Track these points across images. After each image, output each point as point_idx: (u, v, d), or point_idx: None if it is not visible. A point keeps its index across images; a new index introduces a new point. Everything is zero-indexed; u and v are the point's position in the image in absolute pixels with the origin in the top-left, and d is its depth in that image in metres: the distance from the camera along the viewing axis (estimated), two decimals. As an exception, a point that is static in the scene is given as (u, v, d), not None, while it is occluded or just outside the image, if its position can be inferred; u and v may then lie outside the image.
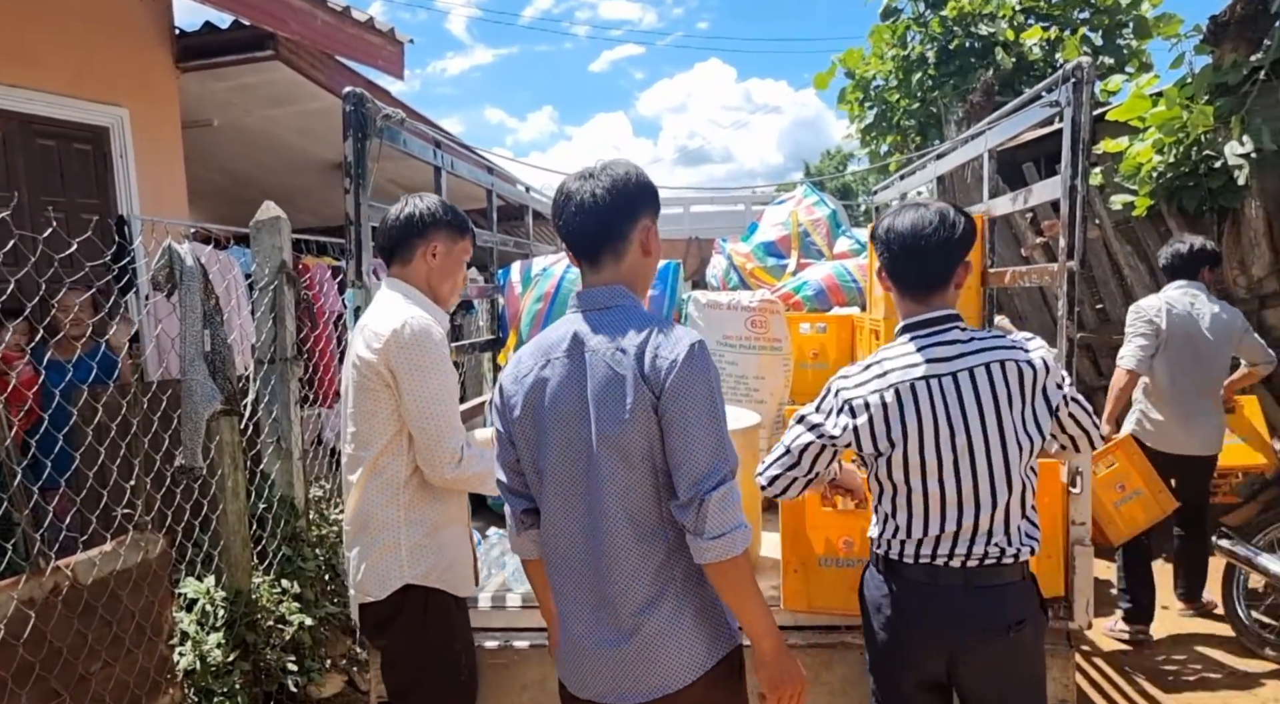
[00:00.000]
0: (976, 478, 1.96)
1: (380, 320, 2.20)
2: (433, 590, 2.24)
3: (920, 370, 1.99)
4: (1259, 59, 5.27)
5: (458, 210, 2.40)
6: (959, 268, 2.05)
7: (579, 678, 1.80)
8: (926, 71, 10.26)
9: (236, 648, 3.00)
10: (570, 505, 1.74)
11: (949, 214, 2.02)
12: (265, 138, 7.26)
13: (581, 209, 1.74)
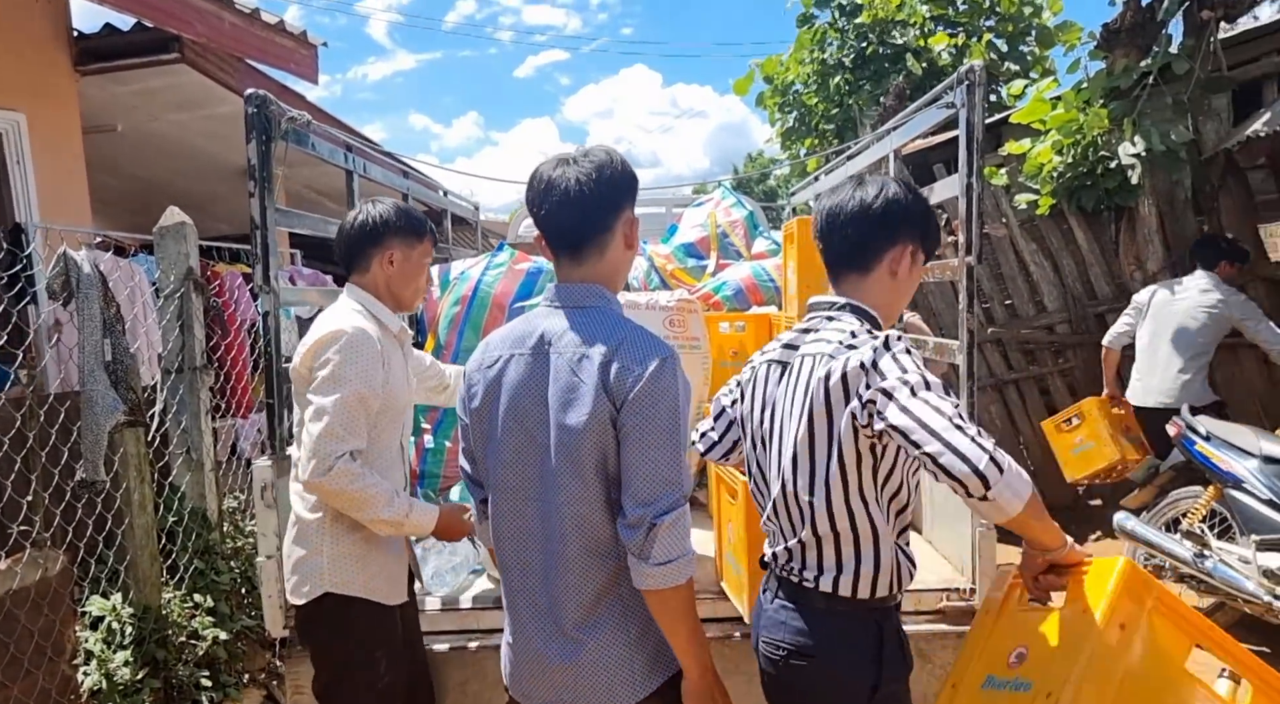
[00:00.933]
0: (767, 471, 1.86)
1: (315, 329, 2.22)
2: (351, 598, 2.23)
3: (773, 353, 1.90)
4: (1148, 65, 5.54)
5: (413, 213, 2.39)
6: (881, 251, 1.80)
7: (520, 684, 1.77)
8: (843, 76, 10.50)
9: (146, 665, 2.92)
10: (519, 509, 1.69)
11: (879, 189, 1.82)
12: (173, 143, 7.05)
13: (566, 198, 1.64)
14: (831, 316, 1.81)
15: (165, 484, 3.46)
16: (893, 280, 1.81)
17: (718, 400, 2.09)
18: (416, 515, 2.23)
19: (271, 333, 2.78)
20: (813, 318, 1.86)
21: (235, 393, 4.48)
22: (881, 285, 1.83)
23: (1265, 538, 3.67)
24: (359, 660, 2.26)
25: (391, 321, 2.36)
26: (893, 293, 1.85)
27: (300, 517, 2.27)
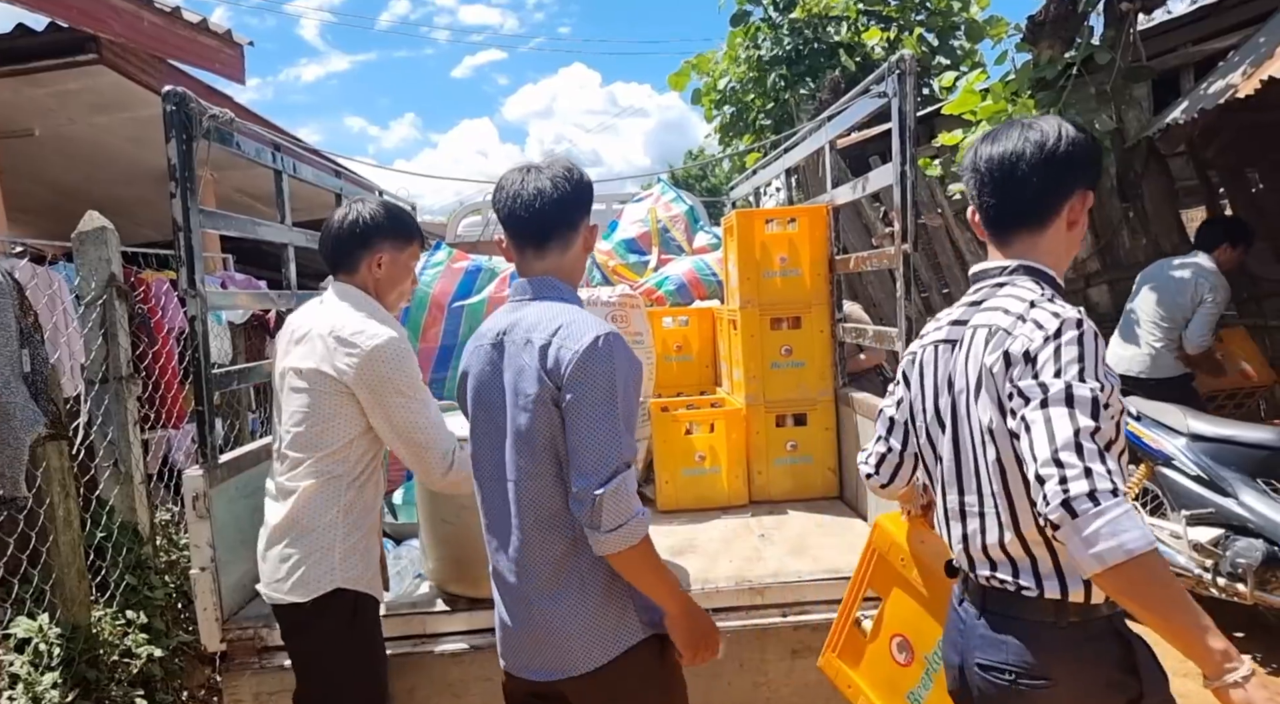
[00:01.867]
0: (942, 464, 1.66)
1: (354, 332, 2.12)
2: (360, 594, 2.20)
3: (939, 333, 1.69)
4: (1072, 56, 5.67)
5: (404, 215, 2.34)
6: (1062, 200, 1.59)
7: (507, 657, 1.86)
8: (779, 73, 10.58)
9: (76, 687, 2.80)
10: (494, 490, 1.81)
11: (1057, 129, 1.58)
12: (94, 147, 6.80)
13: (540, 195, 1.78)
14: (1003, 282, 1.59)
15: (93, 498, 3.33)
16: (1069, 233, 1.61)
17: (882, 412, 1.86)
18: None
19: (200, 339, 2.70)
20: (980, 287, 1.65)
21: (166, 402, 4.34)
22: (1058, 239, 1.61)
23: (1194, 513, 3.78)
24: (365, 658, 2.22)
25: (393, 322, 2.27)
26: (1066, 247, 1.64)
27: (308, 513, 2.16)
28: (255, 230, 3.21)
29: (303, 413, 2.16)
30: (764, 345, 3.68)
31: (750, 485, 3.69)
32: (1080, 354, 1.40)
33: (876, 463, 1.86)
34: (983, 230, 1.67)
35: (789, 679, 2.66)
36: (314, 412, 2.15)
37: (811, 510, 3.52)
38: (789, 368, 3.70)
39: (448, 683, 2.59)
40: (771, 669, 2.66)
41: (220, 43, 5.72)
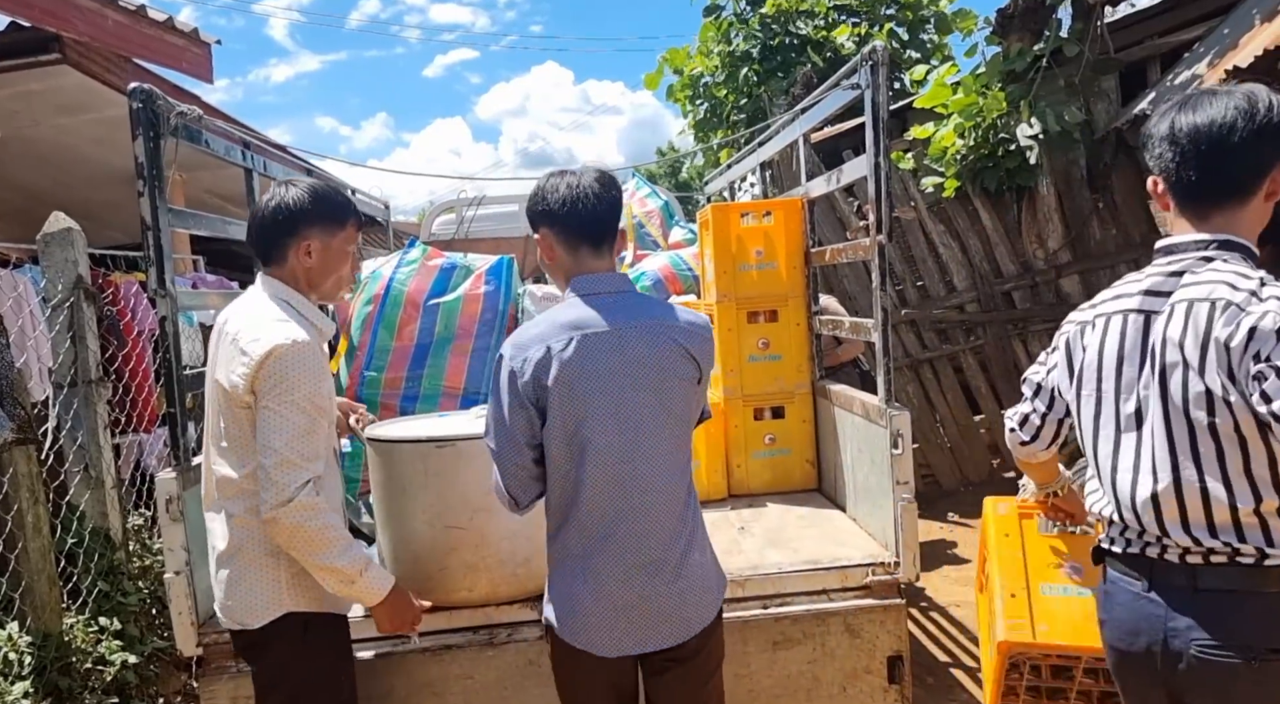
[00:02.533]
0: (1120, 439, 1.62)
1: (248, 336, 1.98)
2: (313, 614, 2.10)
3: (1129, 302, 1.64)
4: (1041, 48, 5.74)
5: (334, 196, 2.15)
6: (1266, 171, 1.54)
7: (619, 634, 1.87)
8: (751, 67, 10.60)
9: (49, 696, 2.75)
10: (620, 471, 1.84)
11: (1268, 97, 1.52)
12: (59, 149, 6.69)
13: (599, 199, 1.90)
14: (1210, 256, 1.55)
15: (63, 504, 3.27)
16: (1265, 206, 1.57)
17: (1030, 380, 1.95)
18: (370, 577, 2.05)
19: (170, 340, 2.66)
20: (1179, 259, 1.58)
21: (137, 406, 4.28)
22: (1257, 213, 1.57)
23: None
24: (323, 678, 2.12)
25: (324, 323, 2.18)
26: (1261, 221, 1.59)
27: (244, 539, 2.05)
28: (226, 230, 3.17)
29: (223, 431, 2.05)
30: (741, 339, 3.68)
31: (729, 479, 3.70)
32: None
33: (1020, 422, 1.97)
34: (1168, 202, 1.63)
35: (770, 671, 2.67)
36: (230, 432, 2.03)
37: (790, 503, 3.53)
38: (766, 361, 3.71)
39: (427, 682, 2.57)
40: (753, 661, 2.66)
41: (187, 41, 5.64)
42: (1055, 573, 2.24)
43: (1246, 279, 1.49)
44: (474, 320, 3.64)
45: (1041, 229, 6.25)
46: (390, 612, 2.14)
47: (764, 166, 4.76)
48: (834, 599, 2.72)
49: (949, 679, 3.62)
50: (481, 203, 7.19)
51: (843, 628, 2.68)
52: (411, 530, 2.57)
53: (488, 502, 2.41)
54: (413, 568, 2.58)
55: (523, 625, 2.62)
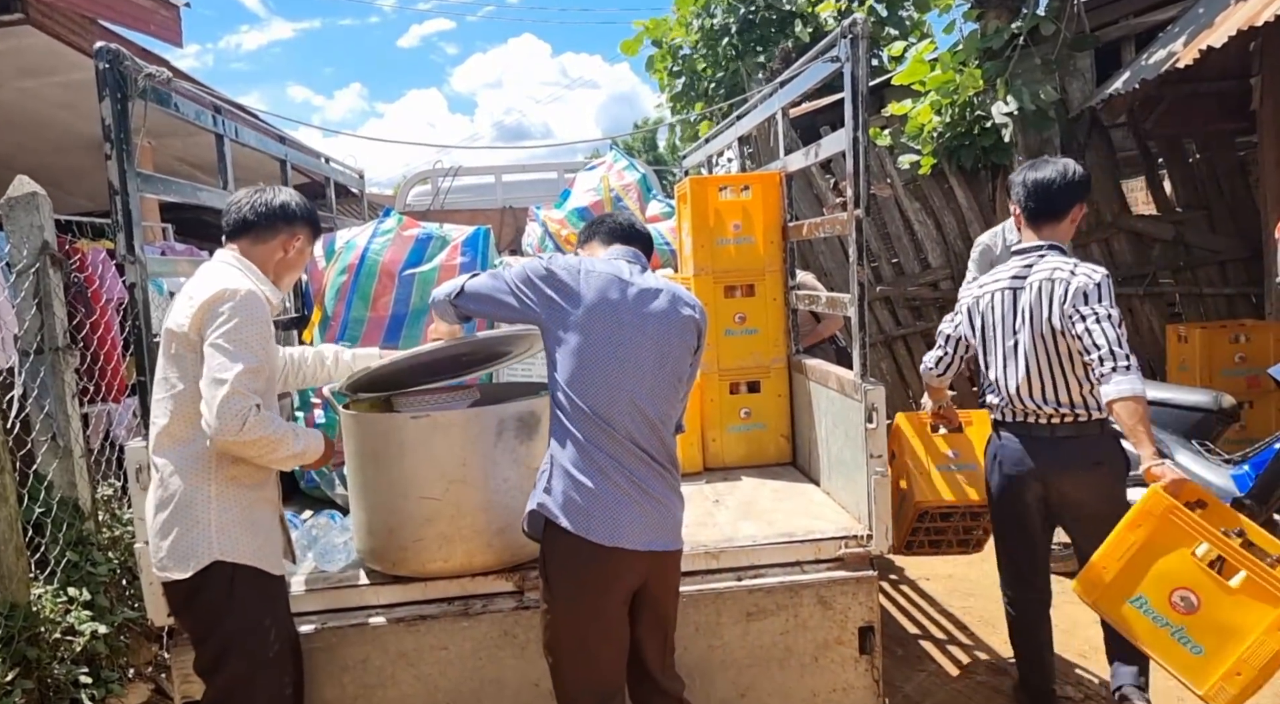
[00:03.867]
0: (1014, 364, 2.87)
1: (202, 286, 2.18)
2: (240, 566, 2.20)
3: (1005, 283, 2.90)
4: (1018, 26, 5.74)
5: (316, 213, 2.51)
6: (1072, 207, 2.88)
7: (625, 529, 2.14)
8: (730, 41, 10.53)
9: (16, 666, 2.72)
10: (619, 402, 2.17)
11: (1071, 167, 2.86)
12: (22, 113, 6.52)
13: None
14: (1045, 253, 2.85)
15: (30, 474, 3.23)
16: (1070, 226, 2.92)
17: (941, 331, 3.18)
18: (312, 443, 2.32)
19: (140, 307, 2.61)
20: (1029, 257, 2.88)
21: (106, 375, 4.21)
22: (1066, 230, 2.91)
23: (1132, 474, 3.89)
24: (249, 629, 2.22)
25: (273, 294, 2.34)
26: (1069, 234, 2.93)
27: (176, 489, 2.19)
28: (196, 196, 3.11)
29: (161, 377, 2.21)
30: (718, 313, 3.68)
31: (704, 452, 3.71)
32: (1112, 294, 2.72)
33: (935, 362, 3.18)
34: (1022, 222, 2.94)
35: (743, 642, 2.69)
36: (166, 375, 2.20)
37: (764, 476, 3.56)
38: (742, 335, 3.72)
39: (401, 652, 2.57)
40: (726, 632, 2.69)
41: (155, 3, 5.51)
42: (944, 457, 3.37)
43: (1066, 264, 2.80)
44: (449, 291, 3.61)
45: (1015, 208, 6.29)
46: (328, 453, 2.41)
47: (742, 141, 4.74)
48: (807, 571, 2.75)
49: (918, 650, 3.69)
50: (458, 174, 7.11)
51: (815, 599, 2.71)
52: (385, 503, 2.57)
53: (463, 473, 2.49)
54: (387, 540, 2.58)
55: (498, 596, 2.63)
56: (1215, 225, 6.27)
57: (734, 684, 2.69)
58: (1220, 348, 5.35)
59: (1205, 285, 6.30)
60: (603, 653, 2.21)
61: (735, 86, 10.59)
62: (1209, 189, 6.31)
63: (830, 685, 2.73)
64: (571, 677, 2.22)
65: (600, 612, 2.18)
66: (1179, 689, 3.27)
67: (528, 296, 2.24)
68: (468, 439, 2.51)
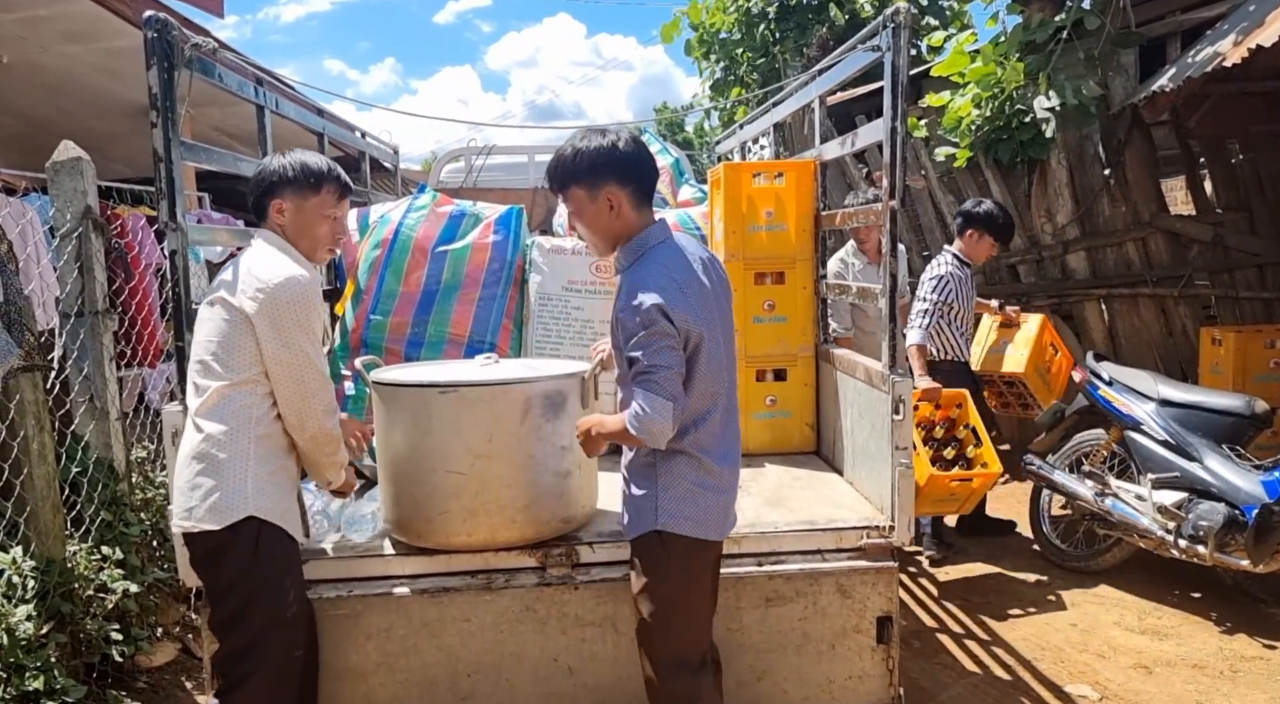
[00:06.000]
0: None
1: (265, 269, 2.24)
2: (268, 525, 2.25)
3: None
4: (1062, 19, 5.65)
5: (314, 166, 2.36)
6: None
7: (724, 520, 2.31)
8: (768, 26, 10.45)
9: (50, 620, 2.80)
10: (727, 386, 2.26)
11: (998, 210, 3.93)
12: (66, 78, 6.61)
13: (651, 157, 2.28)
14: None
15: (67, 434, 3.30)
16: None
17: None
18: (344, 456, 2.47)
19: (179, 273, 2.66)
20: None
21: (142, 340, 4.28)
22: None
23: (1160, 477, 3.87)
24: (271, 587, 2.25)
25: (313, 271, 2.40)
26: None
27: (218, 440, 2.22)
28: (236, 165, 3.15)
29: (210, 341, 2.25)
30: (747, 300, 3.68)
31: (728, 438, 3.72)
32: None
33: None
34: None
35: (762, 626, 2.71)
36: (220, 340, 2.24)
37: (788, 464, 3.56)
38: (771, 323, 3.71)
39: (425, 622, 2.61)
40: (745, 616, 2.70)
41: (198, -28, 5.55)
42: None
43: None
44: (481, 269, 3.63)
45: (1051, 203, 6.22)
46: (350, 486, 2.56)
47: (777, 128, 4.72)
48: (827, 559, 2.76)
49: (935, 643, 3.69)
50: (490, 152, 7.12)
51: (834, 588, 2.72)
52: (413, 475, 2.59)
53: (489, 448, 2.52)
54: (413, 511, 2.62)
55: (520, 572, 2.66)
56: (1256, 228, 6.16)
57: (751, 668, 2.72)
58: (1255, 352, 5.28)
59: (1242, 288, 6.21)
60: (708, 621, 2.36)
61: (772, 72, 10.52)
62: (1251, 191, 6.20)
63: (846, 673, 2.75)
64: (685, 641, 2.27)
65: (711, 589, 2.38)
66: (1181, 688, 3.26)
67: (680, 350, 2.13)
68: (494, 415, 2.52)
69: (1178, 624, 3.81)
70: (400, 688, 2.62)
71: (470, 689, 2.64)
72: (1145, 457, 4.00)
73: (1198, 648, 3.59)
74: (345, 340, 3.62)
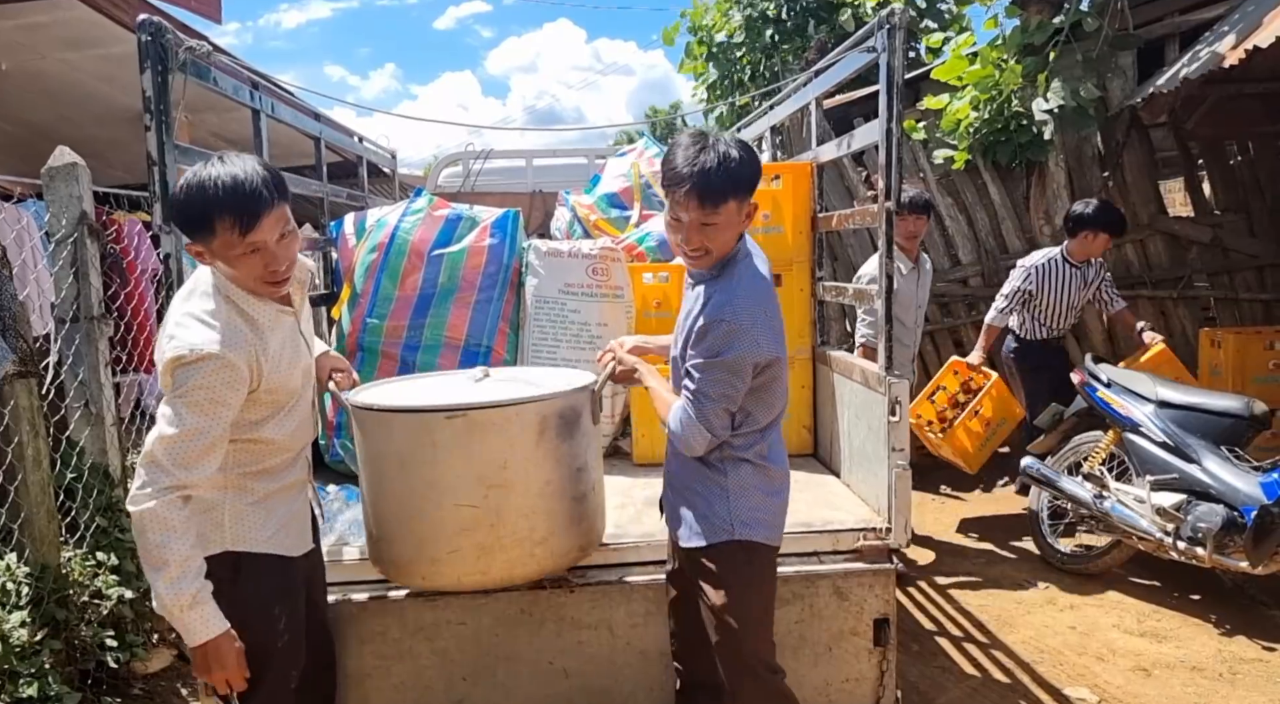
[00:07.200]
0: None
1: (171, 323, 1.92)
2: (247, 555, 2.04)
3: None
4: (1060, 21, 5.65)
5: (194, 202, 1.85)
6: None
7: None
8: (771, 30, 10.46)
9: (45, 626, 2.79)
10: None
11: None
12: (65, 85, 6.62)
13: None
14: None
15: (63, 439, 3.29)
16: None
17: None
18: (192, 617, 1.87)
19: (174, 278, 2.65)
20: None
21: (138, 345, 4.28)
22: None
23: (1158, 479, 3.86)
24: (257, 618, 2.04)
25: (261, 314, 1.99)
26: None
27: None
28: (231, 170, 3.14)
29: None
30: (744, 302, 3.67)
31: (726, 441, 3.71)
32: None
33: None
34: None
35: (758, 629, 2.69)
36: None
37: (785, 467, 3.55)
38: (768, 325, 3.70)
39: (420, 626, 2.61)
40: (742, 619, 2.69)
41: (196, -21, 5.56)
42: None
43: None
44: (478, 272, 3.63)
45: (1050, 205, 6.22)
46: (203, 660, 1.91)
47: (774, 130, 4.72)
48: (824, 561, 2.75)
49: (933, 646, 3.67)
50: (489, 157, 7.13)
51: (831, 590, 2.71)
52: (414, 510, 2.30)
53: (504, 476, 2.26)
54: (416, 552, 2.34)
55: (516, 575, 2.64)
56: (1255, 229, 6.15)
57: (747, 672, 2.70)
58: (1254, 354, 5.27)
59: (1242, 290, 6.20)
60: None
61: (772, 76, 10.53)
62: (1249, 192, 6.19)
63: (843, 676, 2.74)
64: (770, 643, 2.29)
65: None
66: (1180, 690, 3.25)
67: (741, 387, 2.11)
68: (508, 439, 2.25)
69: (1177, 626, 3.79)
70: (396, 692, 2.61)
71: (466, 692, 2.63)
72: (1144, 458, 3.99)
73: (1197, 650, 3.58)
74: (342, 344, 3.62)
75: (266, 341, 1.98)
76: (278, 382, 2.02)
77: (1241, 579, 3.85)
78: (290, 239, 1.96)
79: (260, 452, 2.05)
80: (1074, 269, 4.94)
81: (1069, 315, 5.05)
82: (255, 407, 2.00)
